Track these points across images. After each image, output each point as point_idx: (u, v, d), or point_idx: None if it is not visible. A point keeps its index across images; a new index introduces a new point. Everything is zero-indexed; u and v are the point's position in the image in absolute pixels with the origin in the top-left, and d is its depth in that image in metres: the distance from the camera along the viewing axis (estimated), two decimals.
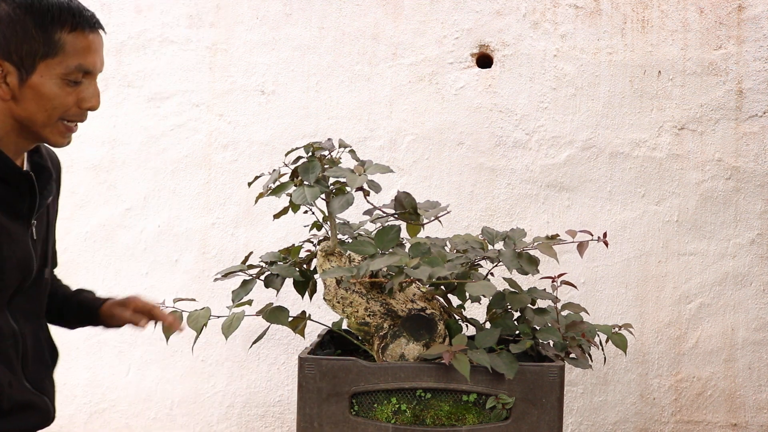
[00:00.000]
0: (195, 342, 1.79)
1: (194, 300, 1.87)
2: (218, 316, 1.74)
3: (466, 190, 2.50)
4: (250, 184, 1.71)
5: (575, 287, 1.88)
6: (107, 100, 2.61)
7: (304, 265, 1.78)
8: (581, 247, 1.66)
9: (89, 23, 1.30)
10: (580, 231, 1.67)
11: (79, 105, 1.33)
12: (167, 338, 1.68)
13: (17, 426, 1.40)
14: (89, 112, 1.36)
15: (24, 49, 1.26)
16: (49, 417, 1.46)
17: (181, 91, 2.57)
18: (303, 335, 1.83)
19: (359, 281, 1.58)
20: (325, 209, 1.65)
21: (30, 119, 1.32)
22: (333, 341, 1.83)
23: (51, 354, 1.53)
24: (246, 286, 1.70)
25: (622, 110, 2.46)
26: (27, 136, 1.35)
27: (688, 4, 2.43)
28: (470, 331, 1.71)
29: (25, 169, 1.39)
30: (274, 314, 1.68)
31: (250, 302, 1.73)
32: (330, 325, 1.89)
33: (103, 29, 1.35)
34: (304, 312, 1.75)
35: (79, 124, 1.37)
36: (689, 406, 2.46)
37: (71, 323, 1.63)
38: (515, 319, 1.69)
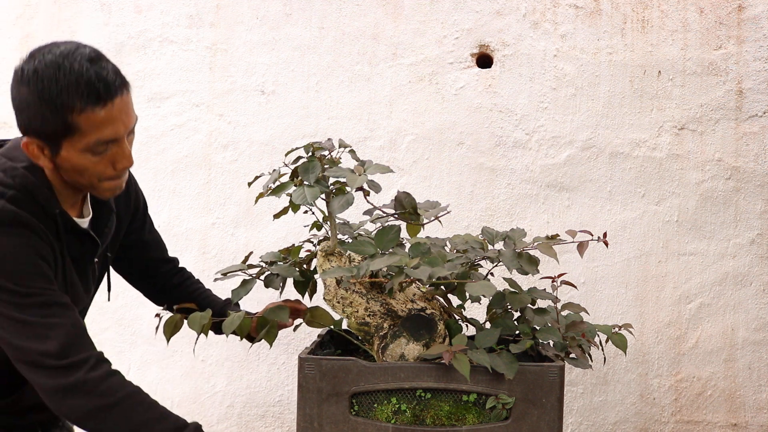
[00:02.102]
0: (196, 343, 1.79)
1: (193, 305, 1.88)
2: (219, 319, 1.74)
3: (466, 190, 2.50)
4: (250, 184, 1.71)
5: (575, 287, 1.88)
6: None
7: (304, 265, 1.78)
8: (581, 247, 1.66)
9: (101, 97, 1.33)
10: (580, 231, 1.67)
11: (114, 168, 1.41)
12: (168, 339, 1.68)
13: (34, 420, 1.58)
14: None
15: (46, 131, 1.34)
16: (52, 417, 1.60)
17: (181, 91, 2.57)
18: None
19: (359, 281, 1.58)
20: (325, 209, 1.65)
21: (74, 184, 1.44)
22: (333, 341, 1.83)
23: None
24: (246, 285, 1.70)
25: (622, 110, 2.46)
26: (77, 192, 1.48)
27: (688, 4, 2.43)
28: (470, 331, 1.71)
29: (89, 212, 1.55)
30: (273, 313, 1.68)
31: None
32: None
33: (122, 90, 1.36)
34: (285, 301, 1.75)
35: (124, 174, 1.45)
36: (689, 406, 2.46)
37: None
38: (515, 319, 1.69)
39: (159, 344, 2.54)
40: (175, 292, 1.89)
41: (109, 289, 1.74)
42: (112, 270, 1.79)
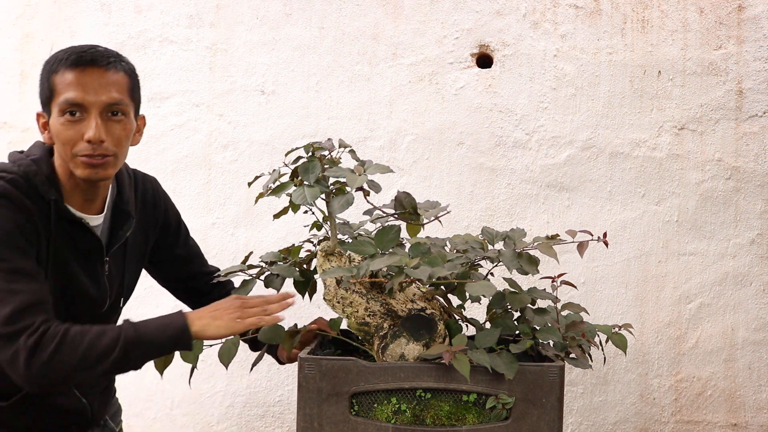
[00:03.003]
0: (191, 375, 1.78)
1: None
2: (210, 345, 1.71)
3: (466, 190, 2.50)
4: (250, 184, 1.71)
5: (575, 287, 1.88)
6: None
7: (304, 265, 1.78)
8: (581, 247, 1.66)
9: (79, 62, 1.48)
10: (580, 231, 1.67)
11: (82, 137, 1.48)
12: (161, 372, 1.70)
13: (56, 424, 1.63)
14: (115, 148, 1.52)
15: (42, 97, 1.52)
16: (85, 416, 1.67)
17: (181, 91, 2.57)
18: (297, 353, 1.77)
19: (359, 281, 1.58)
20: (325, 209, 1.65)
21: (60, 158, 1.53)
22: (333, 341, 1.83)
23: None
24: (246, 286, 1.70)
25: (622, 110, 2.46)
26: (73, 175, 1.52)
27: (688, 4, 2.43)
28: (470, 331, 1.71)
29: (105, 211, 1.61)
30: (268, 334, 1.67)
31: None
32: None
33: (110, 66, 1.51)
34: (295, 325, 1.73)
35: (103, 157, 1.51)
36: (689, 406, 2.46)
37: None
38: (515, 319, 1.69)
39: None
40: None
41: (128, 294, 1.78)
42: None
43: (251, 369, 1.82)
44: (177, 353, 1.64)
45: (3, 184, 1.46)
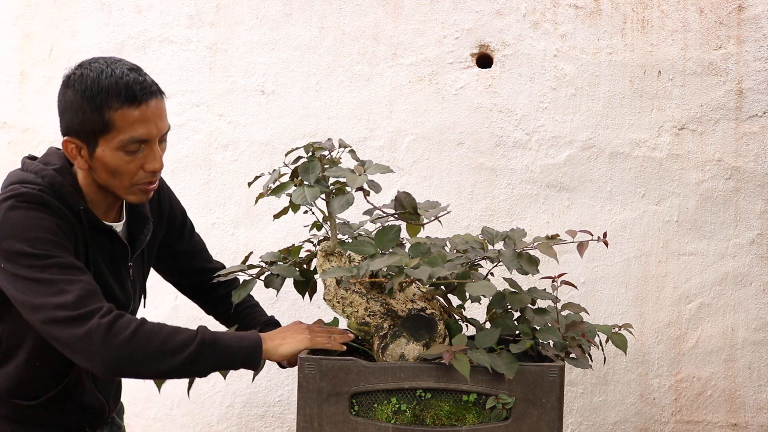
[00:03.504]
0: (190, 388, 1.79)
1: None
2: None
3: (466, 190, 2.50)
4: (250, 184, 1.71)
5: (575, 287, 1.87)
6: None
7: (304, 265, 1.78)
8: (581, 247, 1.66)
9: (136, 98, 1.47)
10: (580, 231, 1.67)
11: (144, 169, 1.52)
12: (159, 387, 1.75)
13: (74, 419, 1.66)
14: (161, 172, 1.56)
15: (85, 128, 1.47)
16: (103, 414, 1.71)
17: (181, 91, 2.57)
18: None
19: (359, 281, 1.58)
20: (325, 209, 1.65)
21: (107, 185, 1.53)
22: None
23: None
24: (246, 286, 1.70)
25: (622, 110, 2.46)
26: (109, 195, 1.57)
27: (688, 4, 2.43)
28: (470, 331, 1.71)
29: (123, 217, 1.64)
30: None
31: None
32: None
33: (158, 95, 1.52)
34: None
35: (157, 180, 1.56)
36: (689, 406, 2.46)
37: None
38: (515, 319, 1.69)
39: None
40: (221, 305, 1.93)
41: (144, 297, 1.80)
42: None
43: (253, 379, 1.83)
44: None
45: (37, 193, 1.47)
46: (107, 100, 1.45)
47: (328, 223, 1.65)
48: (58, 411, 1.63)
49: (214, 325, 2.05)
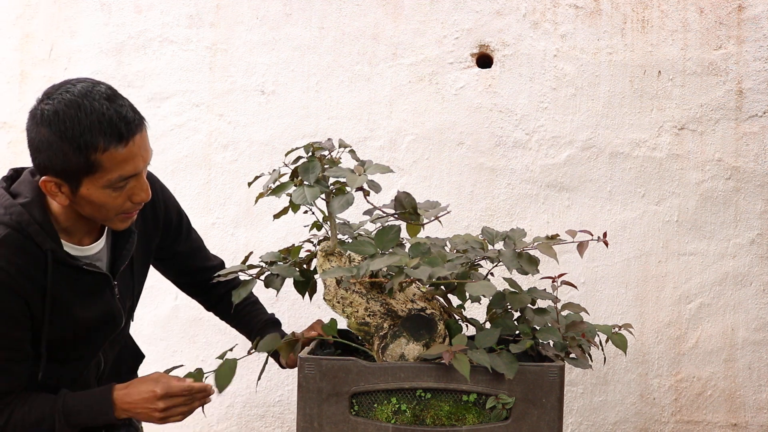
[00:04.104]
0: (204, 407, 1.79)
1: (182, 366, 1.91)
2: (213, 371, 1.72)
3: (466, 190, 2.50)
4: (250, 184, 1.71)
5: (575, 287, 1.87)
6: None
7: (304, 265, 1.78)
8: (581, 247, 1.66)
9: (123, 136, 1.38)
10: (580, 231, 1.67)
11: (131, 200, 1.47)
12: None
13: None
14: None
15: (66, 169, 1.38)
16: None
17: (181, 91, 2.57)
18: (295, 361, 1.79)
19: (359, 281, 1.58)
20: (325, 209, 1.65)
21: (92, 217, 1.49)
22: (333, 341, 1.83)
23: (134, 360, 1.85)
24: (246, 286, 1.70)
25: (622, 110, 2.46)
26: (89, 222, 1.52)
27: (688, 4, 2.43)
28: (470, 331, 1.71)
29: (105, 233, 1.58)
30: (266, 343, 1.68)
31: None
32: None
33: (140, 126, 1.43)
34: (293, 333, 1.74)
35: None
36: (689, 406, 2.46)
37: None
38: (515, 319, 1.69)
39: (159, 344, 2.54)
40: (221, 304, 1.92)
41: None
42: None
43: (257, 383, 1.84)
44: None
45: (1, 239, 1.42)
46: (91, 140, 1.36)
47: (328, 223, 1.65)
48: None
49: (214, 324, 2.05)
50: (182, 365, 1.91)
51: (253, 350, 1.72)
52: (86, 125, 1.36)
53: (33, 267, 1.45)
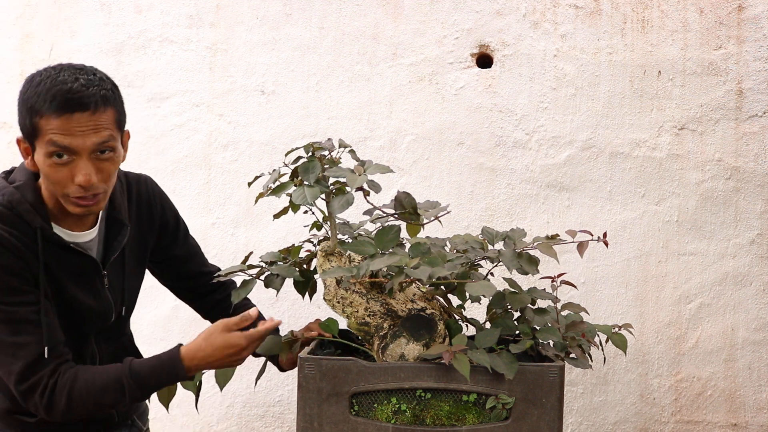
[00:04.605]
0: (197, 403, 1.80)
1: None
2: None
3: (466, 190, 2.50)
4: (250, 184, 1.71)
5: (575, 287, 1.88)
6: None
7: (304, 265, 1.78)
8: (581, 247, 1.66)
9: (60, 108, 1.41)
10: (580, 231, 1.67)
11: (72, 180, 1.46)
12: (166, 406, 1.76)
13: (79, 427, 1.64)
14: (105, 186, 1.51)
15: (24, 130, 1.49)
16: (111, 419, 1.71)
17: (181, 91, 2.57)
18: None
19: (359, 281, 1.58)
20: (325, 209, 1.65)
21: (49, 189, 1.52)
22: (333, 341, 1.83)
23: None
24: (246, 286, 1.70)
25: (622, 110, 2.46)
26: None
27: (688, 4, 2.43)
28: (470, 331, 1.71)
29: (98, 223, 1.61)
30: (267, 345, 1.68)
31: None
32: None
33: (94, 107, 1.43)
34: (291, 332, 1.74)
35: (94, 196, 1.49)
36: (689, 406, 2.46)
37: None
38: (515, 319, 1.69)
39: (159, 344, 2.54)
40: (216, 310, 1.92)
41: (133, 299, 1.80)
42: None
43: (255, 383, 1.84)
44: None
45: None
46: (36, 105, 1.44)
47: (328, 223, 1.65)
48: (61, 426, 1.63)
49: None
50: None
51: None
52: (40, 91, 1.43)
53: (27, 241, 1.50)
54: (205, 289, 1.90)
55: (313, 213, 1.70)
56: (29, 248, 1.50)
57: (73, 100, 1.42)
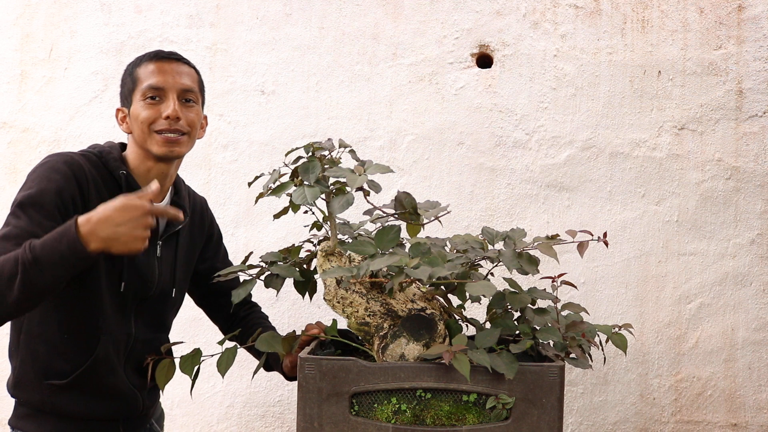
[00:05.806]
0: (192, 388, 1.81)
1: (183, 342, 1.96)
2: (211, 355, 1.78)
3: (466, 190, 2.50)
4: (250, 184, 1.71)
5: (575, 287, 1.88)
6: (107, 101, 2.61)
7: (304, 265, 1.78)
8: (581, 247, 1.66)
9: (156, 56, 1.72)
10: (580, 231, 1.67)
11: (160, 115, 1.68)
12: (162, 387, 1.76)
13: (105, 409, 1.71)
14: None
15: (124, 92, 1.75)
16: (136, 407, 1.76)
17: None
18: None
19: (359, 281, 1.58)
20: (325, 209, 1.65)
21: (138, 140, 1.71)
22: (333, 341, 1.83)
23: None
24: (246, 286, 1.70)
25: (622, 110, 2.46)
26: (148, 157, 1.72)
27: (688, 4, 2.43)
28: (470, 331, 1.71)
29: (165, 200, 1.78)
30: (266, 342, 1.68)
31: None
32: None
33: (183, 63, 1.74)
34: (293, 331, 1.74)
35: (179, 134, 1.70)
36: (689, 406, 2.46)
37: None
38: (515, 319, 1.69)
39: None
40: (238, 325, 1.96)
41: (183, 286, 1.89)
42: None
43: (252, 377, 1.84)
44: (177, 364, 1.73)
45: (73, 155, 1.65)
46: (136, 61, 1.74)
47: (328, 223, 1.65)
48: (90, 394, 1.67)
49: (214, 324, 2.05)
50: (183, 342, 1.96)
51: (253, 342, 1.72)
52: (140, 56, 1.75)
53: (100, 182, 1.66)
54: (231, 312, 1.98)
55: (313, 213, 1.70)
56: (98, 190, 1.64)
57: (167, 53, 1.74)
